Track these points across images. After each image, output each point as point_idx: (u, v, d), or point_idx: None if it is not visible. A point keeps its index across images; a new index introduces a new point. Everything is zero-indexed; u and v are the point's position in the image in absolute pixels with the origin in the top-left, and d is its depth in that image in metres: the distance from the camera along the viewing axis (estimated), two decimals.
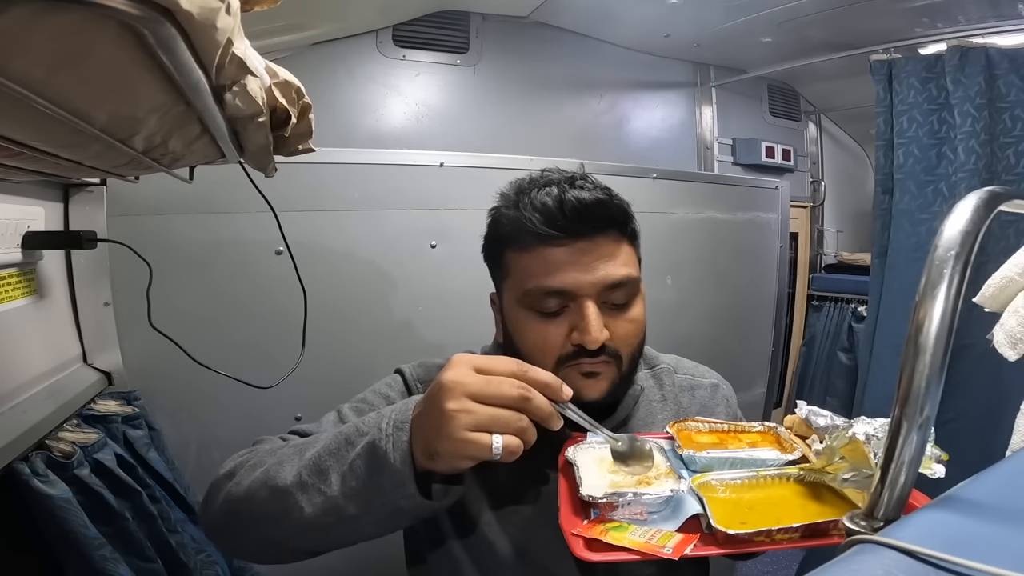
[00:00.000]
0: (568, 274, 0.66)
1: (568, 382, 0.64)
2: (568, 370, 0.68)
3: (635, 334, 0.72)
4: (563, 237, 0.66)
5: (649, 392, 0.83)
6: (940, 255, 0.37)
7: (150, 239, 1.11)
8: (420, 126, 1.91)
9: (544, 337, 0.68)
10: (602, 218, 0.68)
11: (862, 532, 0.35)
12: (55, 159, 0.47)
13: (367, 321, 1.38)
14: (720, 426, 0.71)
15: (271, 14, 0.42)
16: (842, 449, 0.54)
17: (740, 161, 2.51)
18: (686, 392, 0.85)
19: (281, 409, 1.31)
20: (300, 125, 0.60)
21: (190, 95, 0.38)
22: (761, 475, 0.59)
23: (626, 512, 0.56)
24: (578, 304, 0.67)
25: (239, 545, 0.64)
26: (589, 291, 0.67)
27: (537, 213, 0.67)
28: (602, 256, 0.67)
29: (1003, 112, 1.67)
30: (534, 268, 0.68)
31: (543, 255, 0.67)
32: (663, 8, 1.87)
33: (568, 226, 0.66)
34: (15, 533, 0.82)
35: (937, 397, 0.36)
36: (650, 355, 0.88)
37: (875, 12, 1.81)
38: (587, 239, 0.67)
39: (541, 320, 0.69)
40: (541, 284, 0.67)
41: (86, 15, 0.24)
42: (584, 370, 0.68)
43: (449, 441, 0.50)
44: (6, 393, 0.85)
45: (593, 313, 0.66)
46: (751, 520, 0.52)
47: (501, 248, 0.72)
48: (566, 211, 0.66)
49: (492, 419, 0.50)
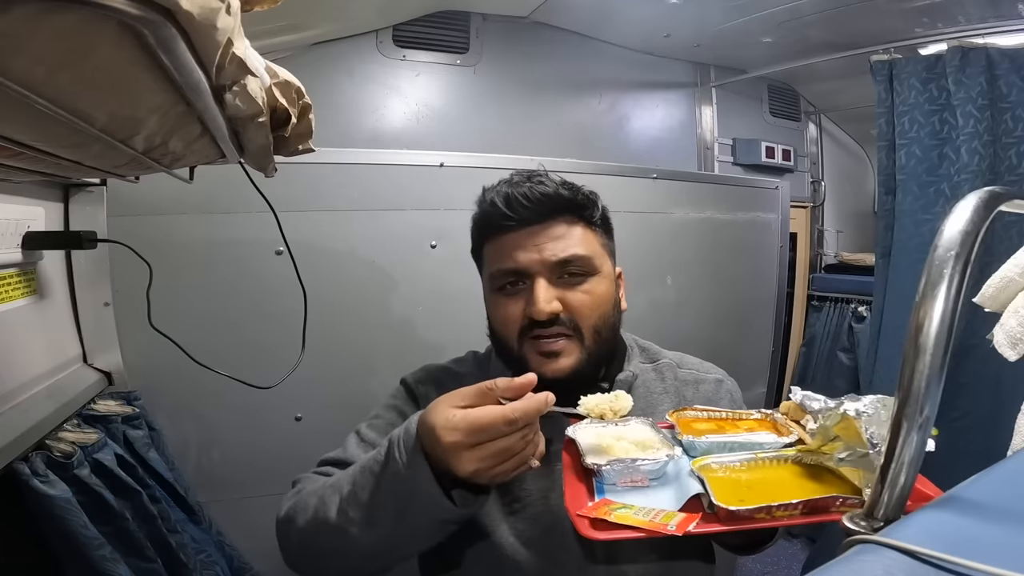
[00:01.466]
0: (520, 254, 0.75)
1: (530, 362, 0.76)
2: (528, 346, 0.76)
3: (592, 306, 0.77)
4: (513, 224, 0.76)
5: (650, 384, 0.86)
6: (940, 255, 0.37)
7: (150, 239, 1.11)
8: (420, 126, 1.91)
9: (505, 313, 0.77)
10: (548, 207, 0.76)
11: (862, 532, 0.35)
12: (56, 159, 0.47)
13: (367, 321, 1.39)
14: (718, 414, 0.73)
15: (271, 14, 0.42)
16: (835, 428, 0.55)
17: (740, 161, 2.51)
18: (690, 386, 0.87)
19: (281, 409, 1.31)
20: (300, 125, 0.60)
21: (190, 95, 0.38)
22: (759, 457, 0.61)
23: (627, 479, 0.60)
24: (531, 281, 0.75)
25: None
26: (539, 268, 0.75)
27: (491, 208, 0.77)
28: (551, 238, 0.76)
29: (1004, 112, 1.67)
30: (495, 254, 0.78)
31: (501, 242, 0.78)
32: (663, 8, 1.87)
33: (515, 215, 0.76)
34: (15, 533, 0.82)
35: (937, 397, 0.36)
36: (653, 350, 0.92)
37: (875, 12, 1.81)
38: (536, 224, 0.76)
39: (504, 298, 0.78)
40: (500, 266, 0.77)
41: (87, 15, 0.24)
42: (542, 349, 0.75)
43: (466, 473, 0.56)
44: (6, 393, 0.85)
45: (542, 286, 0.74)
46: (750, 499, 0.53)
47: (478, 243, 0.83)
48: (512, 203, 0.76)
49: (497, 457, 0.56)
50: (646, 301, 1.70)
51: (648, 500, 0.58)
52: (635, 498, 0.58)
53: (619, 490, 0.60)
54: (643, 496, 0.59)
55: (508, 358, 0.80)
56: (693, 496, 0.56)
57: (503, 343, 0.79)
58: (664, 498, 0.58)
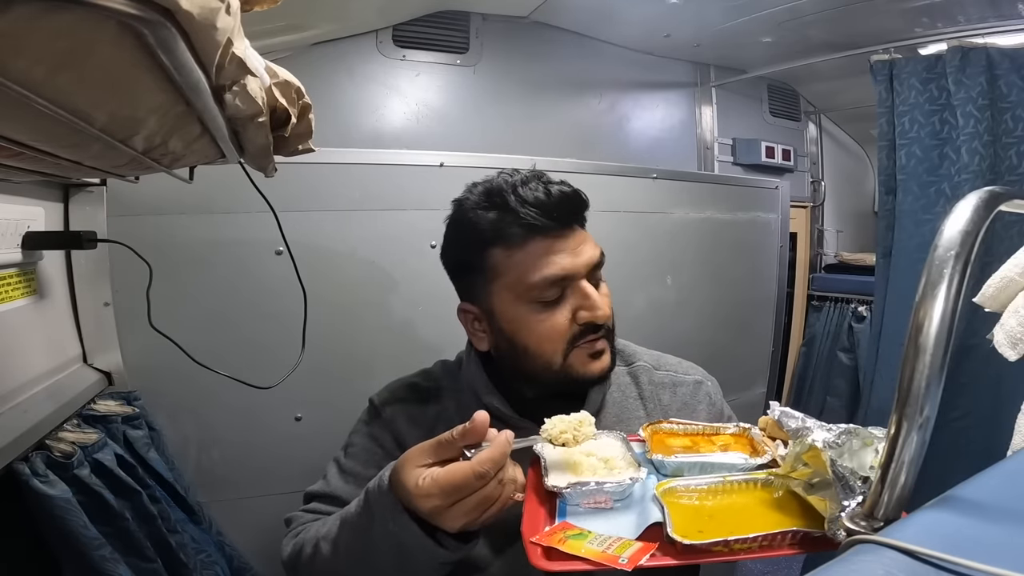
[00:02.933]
0: (565, 260, 0.71)
1: (577, 365, 0.73)
2: (577, 352, 0.73)
3: (611, 306, 0.76)
4: (555, 227, 0.71)
5: (625, 389, 0.83)
6: (940, 255, 0.37)
7: (150, 239, 1.10)
8: (420, 126, 1.91)
9: (552, 325, 0.72)
10: (579, 208, 0.75)
11: (862, 532, 0.35)
12: (55, 159, 0.47)
13: (367, 321, 1.38)
14: (694, 427, 0.72)
15: (271, 14, 0.42)
16: (804, 456, 0.54)
17: (740, 161, 2.51)
18: (666, 389, 0.85)
19: (281, 409, 1.31)
20: (300, 125, 0.60)
21: (190, 95, 0.38)
22: (728, 480, 0.59)
23: (590, 501, 0.59)
24: (574, 287, 0.72)
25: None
26: (583, 273, 0.72)
27: (531, 207, 0.70)
28: (582, 240, 0.74)
29: (1005, 112, 1.66)
30: (531, 261, 0.71)
31: (538, 247, 0.71)
32: (663, 8, 1.87)
33: (558, 217, 0.71)
34: (15, 533, 0.82)
35: (937, 397, 0.36)
36: (628, 351, 0.89)
37: (875, 12, 1.81)
38: (570, 227, 0.73)
39: (544, 310, 0.72)
40: (545, 274, 0.71)
41: (86, 15, 0.24)
42: (590, 351, 0.73)
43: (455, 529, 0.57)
44: (6, 393, 0.85)
45: (594, 291, 0.72)
46: (709, 529, 0.52)
47: (483, 251, 0.74)
48: (554, 203, 0.71)
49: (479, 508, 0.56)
50: (646, 301, 1.70)
51: (609, 524, 0.56)
52: (596, 521, 0.57)
53: (581, 512, 0.59)
54: (605, 519, 0.57)
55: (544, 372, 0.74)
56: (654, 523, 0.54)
57: (540, 359, 0.73)
58: (625, 523, 0.56)
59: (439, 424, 0.78)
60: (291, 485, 1.31)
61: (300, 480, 1.33)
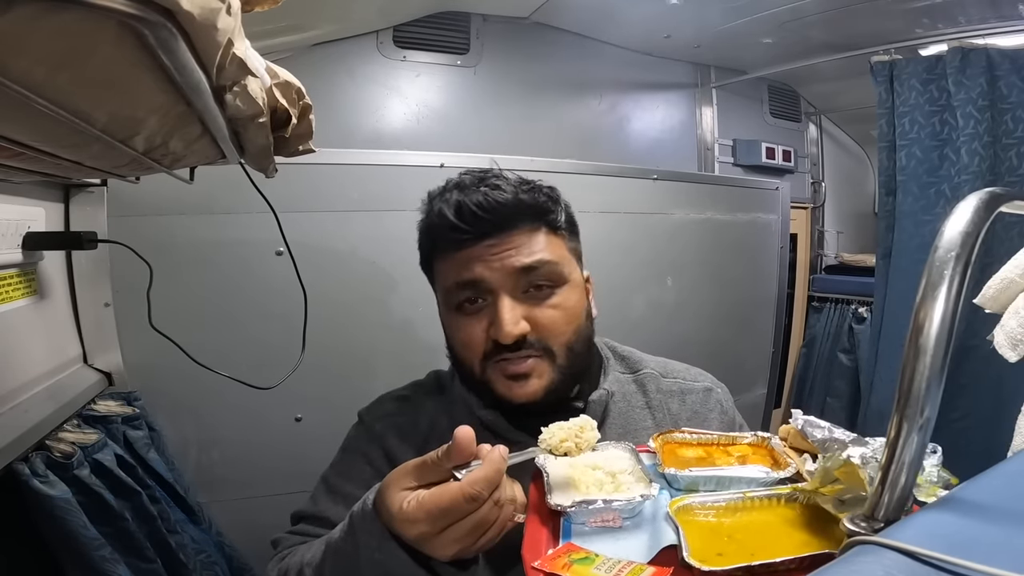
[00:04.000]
0: (476, 267, 0.68)
1: (497, 384, 0.69)
2: (493, 369, 0.69)
3: (564, 322, 0.69)
4: (470, 236, 0.68)
5: (630, 398, 0.79)
6: (940, 256, 0.37)
7: (151, 240, 1.11)
8: (420, 127, 1.91)
9: (468, 335, 0.69)
10: (506, 214, 0.68)
11: (862, 533, 0.35)
12: (56, 159, 0.47)
13: (367, 321, 1.38)
14: (708, 437, 0.67)
15: (272, 15, 0.42)
16: (837, 471, 0.50)
17: (740, 162, 2.51)
18: (675, 397, 0.80)
19: (281, 409, 1.31)
20: (300, 126, 0.60)
21: (191, 96, 0.38)
22: (748, 496, 0.54)
23: (597, 519, 0.54)
24: (494, 298, 0.68)
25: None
26: (501, 282, 0.67)
27: (440, 220, 0.69)
28: (512, 247, 0.68)
29: (1005, 114, 1.67)
30: (449, 269, 0.70)
31: (455, 256, 0.70)
32: (664, 9, 1.87)
33: (470, 228, 0.68)
34: (15, 533, 0.82)
35: (937, 398, 0.36)
36: (633, 359, 0.84)
37: (876, 13, 1.81)
38: (495, 236, 0.68)
39: (463, 318, 0.70)
40: (456, 279, 0.69)
41: (87, 15, 0.24)
42: (509, 371, 0.68)
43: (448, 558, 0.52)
44: (6, 393, 0.85)
45: (506, 306, 0.66)
46: (729, 551, 0.48)
47: (428, 257, 0.76)
48: (464, 215, 0.68)
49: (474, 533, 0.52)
50: (646, 302, 1.70)
51: (618, 545, 0.51)
52: (604, 542, 0.52)
53: (587, 531, 0.53)
54: (613, 540, 0.52)
55: (471, 382, 0.73)
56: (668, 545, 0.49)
57: (464, 367, 0.72)
58: (635, 544, 0.51)
59: (432, 439, 0.75)
60: (291, 486, 1.31)
61: (300, 481, 1.34)
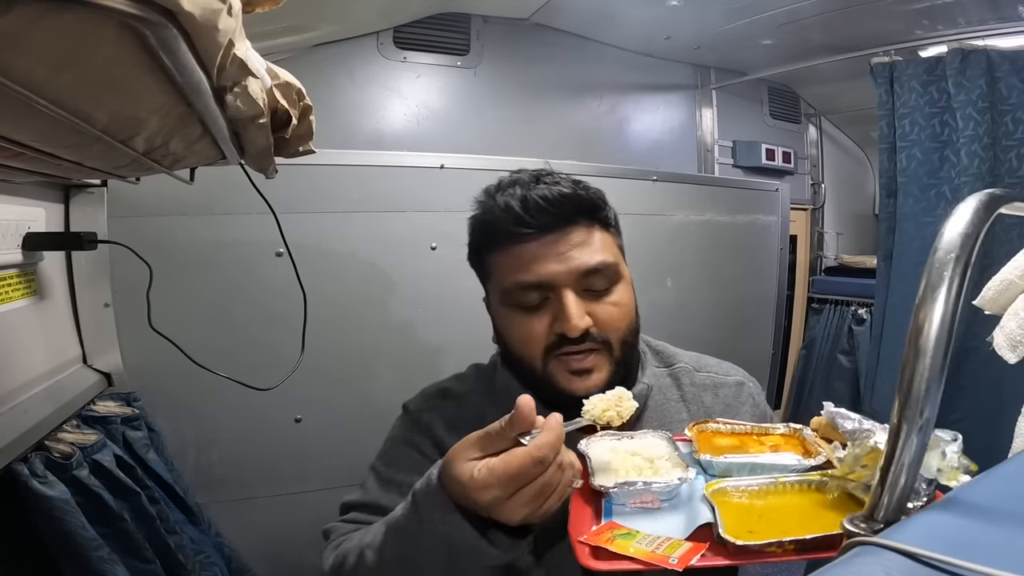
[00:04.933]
0: (542, 266, 0.69)
1: (559, 378, 0.71)
2: (556, 364, 0.71)
3: (620, 317, 0.72)
4: (532, 232, 0.69)
5: (666, 391, 0.81)
6: (940, 257, 0.37)
7: (150, 240, 1.11)
8: (421, 128, 1.91)
9: (528, 331, 0.71)
10: (568, 210, 0.70)
11: (862, 534, 0.35)
12: (56, 160, 0.47)
13: (367, 323, 1.38)
14: (742, 427, 0.70)
15: (272, 15, 0.42)
16: (864, 457, 0.52)
17: (740, 163, 2.51)
18: (708, 391, 0.83)
19: (281, 411, 1.31)
20: (301, 127, 0.60)
21: (191, 96, 0.38)
22: (780, 481, 0.58)
23: (637, 501, 0.57)
24: (557, 295, 0.69)
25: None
26: (566, 280, 0.69)
27: (504, 213, 0.70)
28: (574, 245, 0.70)
29: (1005, 115, 1.67)
30: (510, 265, 0.71)
31: (517, 252, 0.70)
32: (664, 10, 1.88)
33: (535, 221, 0.69)
34: (13, 534, 0.82)
35: (937, 399, 0.36)
36: (667, 353, 0.87)
37: (875, 14, 1.81)
38: (556, 231, 0.70)
39: (524, 315, 0.71)
40: (518, 279, 0.70)
41: (88, 16, 0.24)
42: (573, 367, 0.70)
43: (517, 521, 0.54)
44: (6, 394, 0.85)
45: (572, 301, 0.68)
46: (759, 529, 0.51)
47: (479, 254, 0.77)
48: (529, 207, 0.69)
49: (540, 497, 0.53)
50: (646, 303, 1.68)
51: (657, 524, 0.55)
52: (644, 521, 0.55)
53: (628, 512, 0.57)
54: (652, 519, 0.56)
55: (530, 377, 0.74)
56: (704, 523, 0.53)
57: (523, 362, 0.73)
58: (673, 523, 0.55)
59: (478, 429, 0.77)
60: (291, 486, 1.31)
61: (300, 481, 1.34)
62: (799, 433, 0.68)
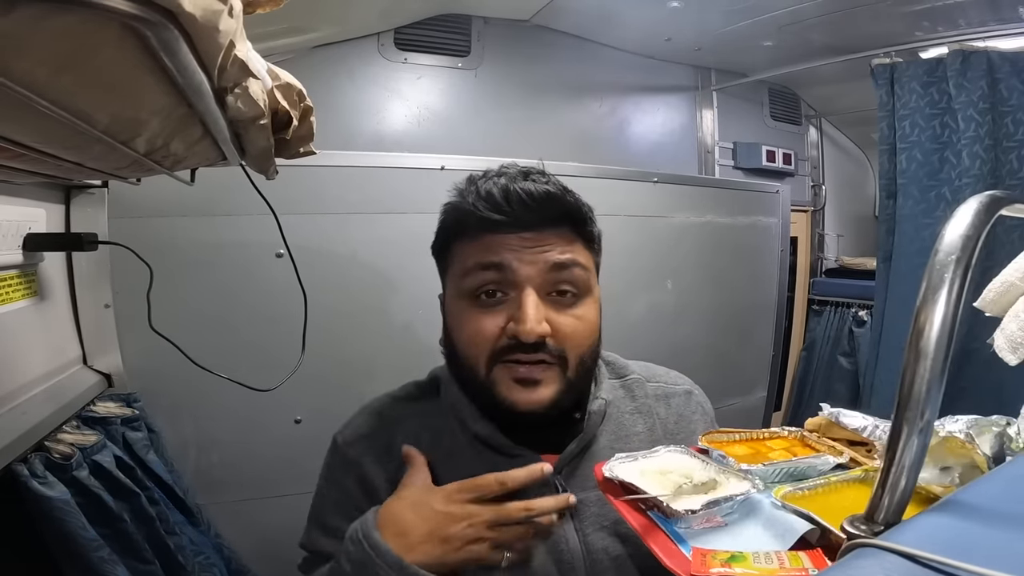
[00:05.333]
0: (508, 253, 0.64)
1: (501, 386, 0.65)
2: (501, 370, 0.65)
3: (583, 334, 0.67)
4: (508, 224, 0.64)
5: (620, 404, 0.76)
6: (941, 259, 0.37)
7: (151, 241, 1.11)
8: (421, 129, 1.91)
9: (479, 327, 0.65)
10: (550, 211, 0.66)
11: (862, 536, 0.35)
12: (57, 161, 0.47)
13: (367, 324, 1.38)
14: (746, 435, 0.69)
15: (273, 16, 0.42)
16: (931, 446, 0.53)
17: (741, 165, 2.51)
18: (661, 401, 0.79)
19: (281, 412, 1.31)
20: (301, 128, 0.60)
21: (192, 97, 0.38)
22: (831, 480, 0.57)
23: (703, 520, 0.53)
24: (518, 293, 0.64)
25: None
26: (530, 277, 0.64)
27: (483, 201, 0.65)
28: (547, 247, 0.65)
29: (1006, 116, 1.67)
30: (473, 249, 0.66)
31: (486, 241, 0.65)
32: (664, 12, 1.88)
33: (512, 213, 0.64)
34: (13, 534, 0.82)
35: (938, 401, 0.36)
36: (618, 364, 0.82)
37: (876, 16, 1.81)
38: (533, 230, 0.65)
39: (477, 309, 0.65)
40: (479, 259, 0.65)
41: (89, 17, 0.24)
42: (519, 375, 0.64)
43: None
44: (6, 394, 0.85)
45: (532, 301, 0.63)
46: None
47: (448, 240, 0.70)
48: (511, 199, 0.64)
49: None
50: (646, 305, 1.70)
51: (737, 542, 0.51)
52: (721, 541, 0.51)
53: (697, 532, 0.52)
54: (729, 537, 0.52)
55: (471, 383, 0.68)
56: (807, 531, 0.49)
57: (466, 364, 0.67)
58: (754, 537, 0.51)
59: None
60: (291, 488, 1.31)
61: (300, 483, 1.33)
62: (797, 435, 0.68)
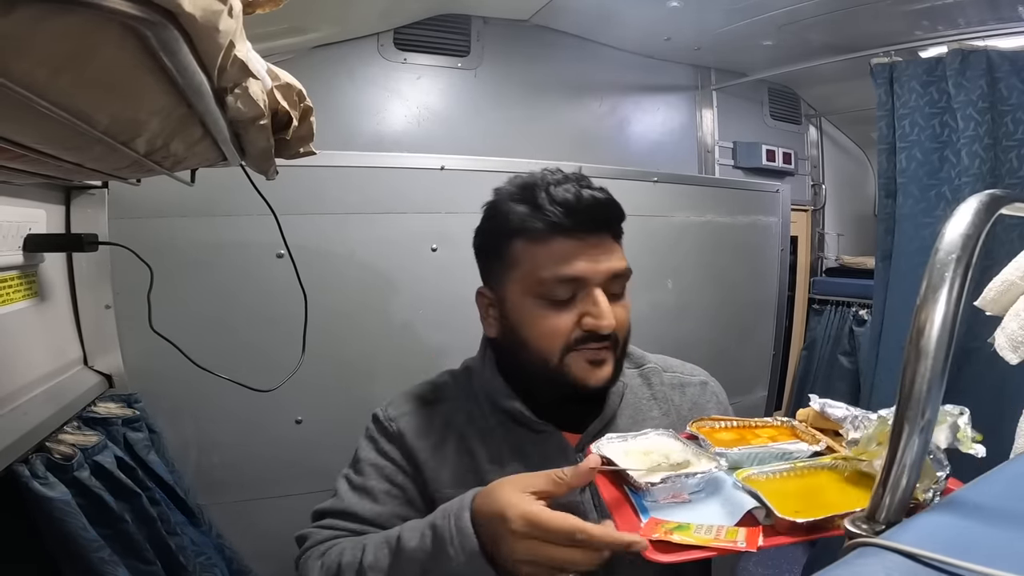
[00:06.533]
0: (581, 263, 0.71)
1: (575, 369, 0.73)
2: (575, 356, 0.73)
3: (627, 319, 0.77)
4: (578, 230, 0.72)
5: (637, 391, 0.84)
6: (941, 258, 0.37)
7: (151, 242, 1.11)
8: (421, 129, 1.91)
9: (554, 324, 0.72)
10: (608, 216, 0.74)
11: (863, 535, 0.35)
12: (57, 161, 0.47)
13: (367, 324, 1.38)
14: (736, 423, 0.74)
15: (273, 17, 0.42)
16: (879, 435, 0.55)
17: (741, 164, 2.51)
18: (676, 390, 0.86)
19: (281, 412, 1.31)
20: (301, 128, 0.60)
21: (192, 98, 0.38)
22: (798, 466, 0.61)
23: (669, 495, 0.58)
24: (587, 292, 0.72)
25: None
26: (598, 280, 0.72)
27: (558, 206, 0.71)
28: (606, 250, 0.74)
29: (1005, 115, 1.66)
30: (548, 258, 0.72)
31: (557, 246, 0.72)
32: (664, 11, 1.88)
33: (583, 220, 0.71)
34: (14, 535, 0.82)
35: (939, 400, 0.36)
36: (636, 354, 0.89)
37: (876, 15, 1.81)
38: (596, 234, 0.73)
39: (551, 308, 0.73)
40: (557, 272, 0.71)
41: (89, 17, 0.24)
42: (590, 357, 0.73)
43: None
44: (7, 395, 0.85)
45: (604, 300, 0.72)
46: (802, 508, 0.53)
47: (507, 240, 0.75)
48: (583, 207, 0.71)
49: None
50: (647, 305, 1.70)
51: (693, 515, 0.56)
52: (680, 514, 0.56)
53: (662, 506, 0.58)
54: (688, 512, 0.57)
55: (540, 368, 0.74)
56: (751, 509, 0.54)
57: (538, 354, 0.74)
58: (710, 513, 0.56)
59: (449, 435, 0.78)
60: (292, 488, 1.31)
61: (301, 483, 1.34)
62: (787, 424, 0.72)
